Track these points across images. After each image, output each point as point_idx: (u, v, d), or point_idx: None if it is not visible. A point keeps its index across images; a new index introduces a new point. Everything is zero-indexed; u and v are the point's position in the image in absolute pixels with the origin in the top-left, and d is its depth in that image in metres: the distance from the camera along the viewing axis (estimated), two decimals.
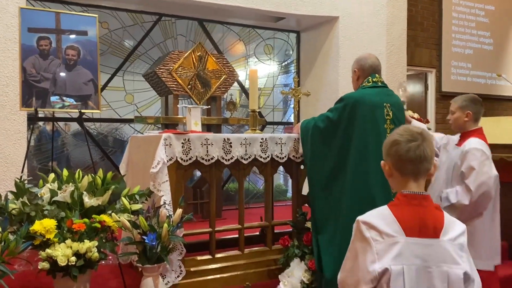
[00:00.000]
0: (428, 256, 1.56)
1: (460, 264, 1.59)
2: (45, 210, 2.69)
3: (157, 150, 3.01)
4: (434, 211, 1.64)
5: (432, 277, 1.54)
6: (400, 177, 1.67)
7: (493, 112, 7.94)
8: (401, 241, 1.56)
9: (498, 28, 8.26)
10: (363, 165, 2.96)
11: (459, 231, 1.64)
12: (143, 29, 5.99)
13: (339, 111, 3.10)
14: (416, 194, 1.64)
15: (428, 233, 1.58)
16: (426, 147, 1.63)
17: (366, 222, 1.61)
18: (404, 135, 1.64)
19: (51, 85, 3.29)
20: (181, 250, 3.10)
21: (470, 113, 3.16)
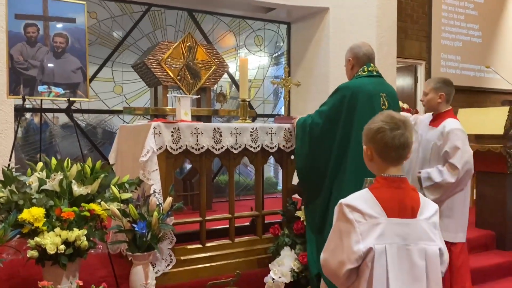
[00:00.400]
0: (407, 235, 1.66)
1: (435, 241, 1.71)
2: (33, 199, 2.66)
3: (147, 138, 3.00)
4: (411, 192, 1.75)
5: (411, 254, 1.65)
6: (382, 162, 1.75)
7: (481, 104, 8.02)
8: (383, 222, 1.65)
9: (487, 21, 8.32)
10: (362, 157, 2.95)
11: (433, 211, 1.75)
12: (132, 19, 5.93)
13: (337, 103, 3.03)
14: (395, 177, 1.74)
15: (406, 213, 1.68)
16: (409, 135, 1.72)
17: (349, 204, 1.68)
18: (389, 123, 1.71)
19: (39, 73, 3.25)
20: (171, 239, 3.09)
21: (443, 94, 3.28)
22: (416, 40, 7.45)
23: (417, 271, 1.65)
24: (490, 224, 4.67)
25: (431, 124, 3.34)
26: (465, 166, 3.10)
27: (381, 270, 1.61)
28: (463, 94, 7.96)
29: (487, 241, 4.55)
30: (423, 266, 1.66)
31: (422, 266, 1.65)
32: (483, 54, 8.27)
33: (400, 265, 1.64)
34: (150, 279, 2.77)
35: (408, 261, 1.65)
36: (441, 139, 3.17)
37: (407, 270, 1.64)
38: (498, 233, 4.59)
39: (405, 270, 1.64)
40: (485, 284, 4.00)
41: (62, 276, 2.57)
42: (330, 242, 1.74)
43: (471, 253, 4.38)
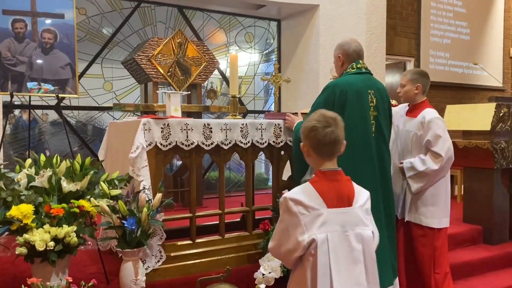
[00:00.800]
0: (346, 222, 1.85)
1: (368, 226, 1.91)
2: (22, 195, 2.65)
3: (136, 135, 2.99)
4: (347, 183, 1.94)
5: (349, 239, 1.84)
6: (318, 157, 1.93)
7: (469, 101, 8.10)
8: (324, 213, 1.83)
9: (475, 18, 8.39)
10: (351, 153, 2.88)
11: (365, 198, 1.95)
12: (122, 15, 5.90)
13: (326, 102, 2.94)
14: (332, 170, 1.92)
15: (344, 203, 1.88)
16: (339, 132, 1.91)
17: (293, 198, 1.84)
18: (321, 121, 1.90)
19: (27, 69, 3.22)
20: (161, 235, 3.09)
21: (420, 85, 3.36)
22: (405, 37, 7.50)
23: (355, 253, 1.84)
24: (477, 219, 4.74)
25: (409, 115, 3.43)
26: (448, 153, 3.20)
27: (324, 256, 1.79)
28: (451, 91, 8.05)
29: (474, 236, 4.61)
30: (360, 248, 1.86)
31: (360, 249, 1.85)
32: (471, 51, 8.35)
33: (341, 250, 1.82)
34: (140, 275, 2.77)
35: (347, 246, 1.83)
36: (421, 129, 3.26)
37: (347, 253, 1.83)
38: (485, 228, 4.66)
39: (345, 254, 1.83)
40: (472, 278, 4.06)
41: (51, 273, 2.57)
42: (277, 233, 1.91)
43: (459, 247, 4.45)
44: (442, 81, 7.90)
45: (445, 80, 7.97)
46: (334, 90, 2.95)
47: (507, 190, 4.78)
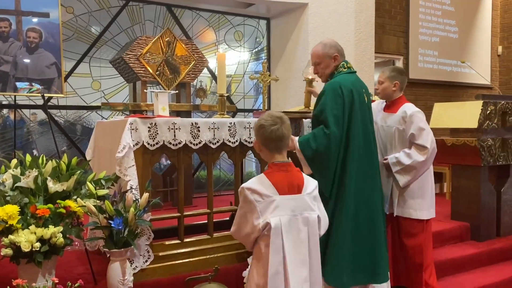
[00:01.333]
0: (295, 207, 2.15)
1: (315, 210, 2.21)
2: (7, 196, 2.63)
3: (123, 134, 2.97)
4: (297, 173, 2.23)
5: (298, 222, 2.14)
6: (268, 152, 2.23)
7: (458, 98, 8.16)
8: (277, 199, 2.12)
9: (463, 17, 8.45)
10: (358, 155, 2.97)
11: (313, 186, 2.25)
12: (110, 14, 5.86)
13: (336, 104, 2.90)
14: (282, 162, 2.21)
15: (294, 190, 2.17)
16: (284, 129, 2.18)
17: (250, 188, 2.13)
18: (268, 120, 2.18)
19: (12, 68, 3.19)
20: (149, 235, 3.08)
21: (398, 83, 3.46)
22: (394, 35, 7.53)
23: (302, 234, 2.14)
24: (465, 216, 4.78)
25: (388, 111, 3.50)
26: (432, 144, 3.29)
27: (277, 236, 2.08)
28: (440, 89, 8.10)
29: (462, 233, 4.66)
30: (306, 230, 2.16)
31: (305, 231, 2.15)
32: (460, 49, 8.41)
33: (291, 231, 2.12)
34: (128, 275, 2.76)
35: (296, 228, 2.13)
36: (403, 124, 3.35)
37: (296, 234, 2.13)
38: (473, 225, 4.70)
39: (294, 235, 2.12)
40: (460, 274, 4.09)
41: (37, 274, 2.55)
42: (237, 218, 2.21)
43: (447, 244, 4.49)
44: (430, 79, 7.95)
45: (433, 78, 8.02)
46: (342, 91, 2.93)
47: (494, 187, 4.84)
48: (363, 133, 3.00)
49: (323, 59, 3.14)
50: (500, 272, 4.19)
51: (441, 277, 3.87)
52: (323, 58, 3.13)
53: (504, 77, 9.02)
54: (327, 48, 3.12)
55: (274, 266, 2.07)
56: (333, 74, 3.13)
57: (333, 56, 3.11)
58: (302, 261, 2.13)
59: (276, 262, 2.08)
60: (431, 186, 3.44)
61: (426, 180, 3.40)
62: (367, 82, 6.42)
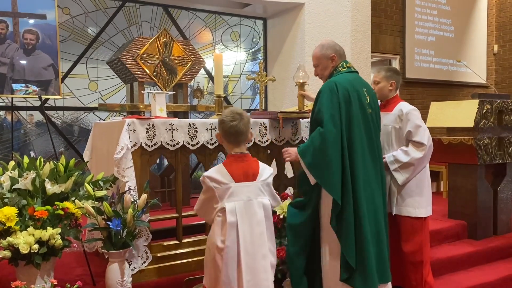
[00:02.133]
0: (250, 193, 2.42)
1: (266, 196, 2.49)
2: (5, 198, 2.63)
3: (121, 135, 2.98)
4: (253, 163, 2.49)
5: (253, 206, 2.42)
6: (228, 144, 2.50)
7: (454, 97, 8.19)
8: (232, 186, 2.39)
9: (459, 16, 8.48)
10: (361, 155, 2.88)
11: (268, 174, 2.52)
12: (106, 15, 5.86)
13: (332, 104, 2.82)
14: (239, 154, 2.48)
15: (249, 178, 2.44)
16: (242, 125, 2.44)
17: (209, 176, 2.41)
18: (228, 116, 2.45)
19: (9, 70, 3.19)
20: (147, 236, 3.09)
21: (394, 82, 3.50)
22: (391, 35, 7.56)
23: (258, 217, 2.42)
24: (462, 214, 4.80)
25: (383, 110, 3.51)
26: (429, 141, 3.32)
27: (232, 217, 2.35)
28: (436, 88, 8.13)
29: (459, 231, 4.68)
30: (262, 213, 2.44)
31: (261, 213, 2.44)
32: (456, 48, 8.44)
33: (246, 214, 2.39)
34: (126, 276, 2.76)
35: (252, 211, 2.41)
36: (399, 122, 3.38)
37: (251, 217, 2.40)
38: (470, 223, 4.72)
39: (250, 217, 2.40)
40: (457, 273, 4.11)
41: (36, 276, 2.55)
42: (200, 201, 2.51)
43: (444, 243, 4.51)
44: (427, 79, 7.98)
45: (430, 77, 8.05)
46: (336, 88, 2.87)
47: (491, 186, 4.86)
48: (366, 133, 2.93)
49: (321, 61, 3.12)
50: (497, 271, 4.21)
51: (438, 276, 3.89)
52: (321, 60, 3.12)
53: (500, 75, 9.06)
54: (324, 49, 3.10)
55: (228, 243, 2.35)
56: (332, 74, 3.10)
57: (330, 56, 3.08)
58: (259, 240, 2.41)
59: (230, 240, 2.35)
60: (428, 183, 3.47)
61: (423, 178, 3.42)
62: None
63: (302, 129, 3.81)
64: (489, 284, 3.98)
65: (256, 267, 2.39)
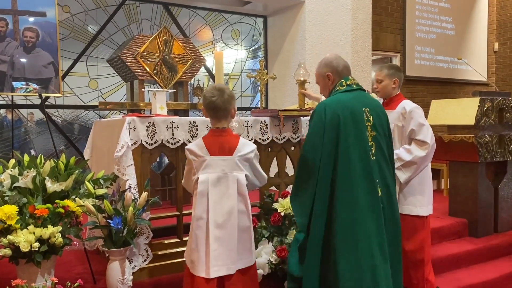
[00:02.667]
0: (225, 167, 2.54)
1: (243, 170, 2.58)
2: (5, 196, 2.62)
3: (121, 133, 2.97)
4: (232, 138, 2.60)
5: (228, 179, 2.53)
6: (211, 119, 2.62)
7: (454, 95, 8.18)
8: (208, 159, 2.53)
9: (460, 13, 8.47)
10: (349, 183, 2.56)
11: (248, 150, 2.60)
12: (107, 13, 5.85)
13: (314, 130, 2.64)
14: (217, 129, 2.59)
15: (225, 152, 2.54)
16: (220, 101, 2.53)
17: (188, 149, 2.58)
18: (209, 92, 2.56)
19: (9, 68, 3.18)
20: (148, 234, 3.08)
21: (397, 80, 3.46)
22: (391, 32, 7.54)
23: (231, 190, 2.53)
24: (463, 212, 4.80)
25: (386, 108, 3.43)
26: (432, 140, 3.28)
27: (203, 189, 2.50)
28: (437, 86, 8.12)
29: (459, 229, 4.67)
30: (235, 187, 2.53)
31: (234, 187, 2.53)
32: (456, 46, 8.43)
33: (219, 186, 2.51)
34: (127, 275, 2.76)
35: (226, 184, 2.53)
36: (402, 120, 3.34)
37: (225, 190, 2.52)
38: (470, 221, 4.72)
39: (223, 189, 2.52)
40: (458, 271, 4.11)
41: (36, 274, 2.55)
42: (185, 172, 2.70)
43: (445, 240, 4.51)
44: (427, 76, 7.97)
45: (430, 75, 8.03)
46: (324, 113, 2.61)
47: (492, 184, 4.85)
48: (360, 159, 2.58)
49: (319, 79, 2.89)
50: (498, 268, 4.21)
51: (439, 273, 3.89)
52: (319, 79, 2.89)
53: (500, 73, 9.05)
54: (321, 67, 2.85)
55: (198, 212, 2.51)
56: (331, 93, 2.81)
57: (325, 75, 2.81)
58: (228, 211, 2.52)
59: (201, 209, 2.51)
60: (429, 182, 3.45)
61: (426, 176, 3.41)
62: (364, 79, 6.45)
63: (302, 127, 3.81)
64: (490, 281, 3.98)
65: (224, 238, 2.49)
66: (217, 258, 2.47)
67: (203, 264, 2.48)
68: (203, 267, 2.48)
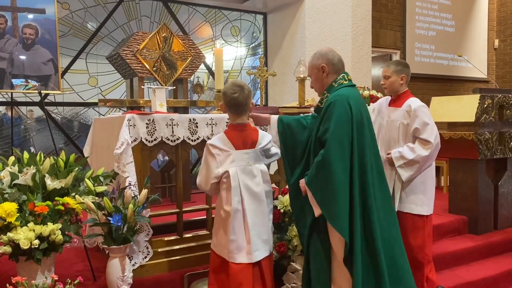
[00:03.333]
0: (249, 159, 2.66)
1: (264, 160, 2.76)
2: (5, 194, 2.62)
3: (121, 131, 2.97)
4: (253, 132, 2.71)
5: (252, 170, 2.66)
6: (231, 114, 2.71)
7: (455, 92, 8.18)
8: (233, 153, 2.63)
9: (460, 10, 8.45)
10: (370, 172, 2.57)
11: (266, 141, 2.74)
12: (106, 10, 5.83)
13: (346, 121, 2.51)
14: (239, 124, 2.68)
15: (247, 146, 2.66)
16: (241, 97, 2.61)
17: (212, 144, 2.65)
18: (230, 88, 2.64)
19: (8, 65, 3.17)
20: (148, 231, 3.09)
21: (405, 76, 3.42)
22: (391, 29, 7.53)
23: (256, 179, 2.67)
24: (463, 209, 4.80)
25: (393, 105, 3.46)
26: (436, 139, 3.25)
27: (235, 181, 2.60)
28: (437, 83, 8.11)
29: (459, 226, 4.67)
30: (260, 176, 2.68)
31: (260, 177, 2.68)
32: (456, 43, 8.42)
33: (246, 176, 2.64)
34: (127, 272, 2.76)
35: (251, 175, 2.66)
36: (408, 118, 3.32)
37: (251, 180, 2.65)
38: (470, 218, 4.72)
39: (249, 180, 2.64)
40: (458, 268, 4.11)
41: (36, 271, 2.54)
42: (202, 169, 2.70)
43: (444, 237, 4.51)
44: (427, 73, 7.96)
45: (430, 72, 8.03)
46: (351, 109, 2.53)
47: (492, 181, 4.85)
48: (373, 149, 2.63)
49: (312, 71, 2.78)
50: (498, 265, 4.21)
51: (439, 270, 3.89)
52: (312, 70, 2.78)
53: (500, 70, 9.04)
54: (315, 59, 2.75)
55: (235, 205, 2.60)
56: (332, 88, 2.70)
57: (320, 67, 2.71)
58: (258, 199, 2.66)
59: (236, 201, 2.60)
60: (432, 181, 3.42)
61: (428, 175, 3.38)
62: (364, 76, 6.44)
63: None
64: (490, 278, 3.98)
65: (258, 224, 2.65)
66: (257, 243, 2.63)
67: (244, 251, 2.61)
68: (244, 254, 2.61)
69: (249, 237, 2.61)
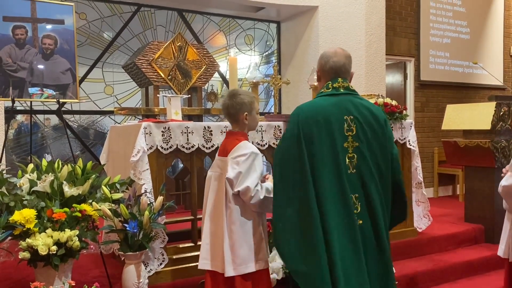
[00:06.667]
0: (222, 166, 2.65)
1: (231, 171, 2.59)
2: (24, 200, 2.67)
3: (137, 138, 3.01)
4: (233, 141, 2.66)
5: (223, 178, 2.60)
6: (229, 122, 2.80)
7: (470, 100, 8.09)
8: (216, 158, 2.74)
9: (475, 17, 8.39)
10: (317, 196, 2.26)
11: (239, 153, 2.60)
12: (122, 19, 5.93)
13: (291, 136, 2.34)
14: (229, 131, 2.77)
15: (224, 153, 2.66)
16: (228, 106, 2.68)
17: None
18: (225, 96, 2.74)
19: (28, 75, 3.25)
20: (163, 238, 3.11)
21: None
22: (405, 37, 7.50)
23: (217, 187, 2.66)
24: (479, 218, 4.74)
25: None
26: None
27: (207, 183, 2.71)
28: (452, 90, 8.04)
29: (476, 235, 4.62)
30: (223, 187, 2.60)
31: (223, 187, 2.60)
32: (471, 50, 8.34)
33: (215, 183, 2.66)
34: (143, 278, 2.79)
35: (222, 182, 2.61)
36: None
37: (220, 186, 2.63)
38: (487, 227, 4.66)
39: (218, 186, 2.65)
40: (475, 277, 4.06)
41: (54, 277, 2.59)
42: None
43: (461, 247, 4.46)
44: (442, 81, 7.90)
45: (445, 79, 7.96)
46: (298, 119, 2.34)
47: None
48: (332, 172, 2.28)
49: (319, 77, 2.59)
50: None
51: (455, 280, 3.85)
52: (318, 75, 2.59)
53: None
54: (317, 64, 2.56)
55: (204, 203, 2.75)
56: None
57: (316, 71, 2.57)
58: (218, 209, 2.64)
59: (205, 200, 2.75)
60: None
61: None
62: (378, 84, 6.42)
63: None
64: None
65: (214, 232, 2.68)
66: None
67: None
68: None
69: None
